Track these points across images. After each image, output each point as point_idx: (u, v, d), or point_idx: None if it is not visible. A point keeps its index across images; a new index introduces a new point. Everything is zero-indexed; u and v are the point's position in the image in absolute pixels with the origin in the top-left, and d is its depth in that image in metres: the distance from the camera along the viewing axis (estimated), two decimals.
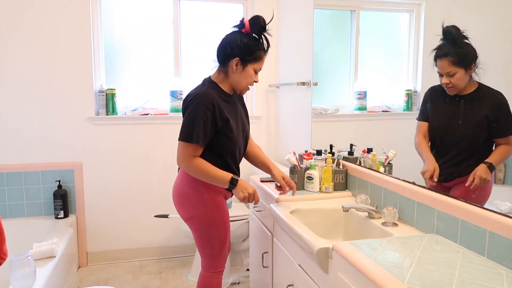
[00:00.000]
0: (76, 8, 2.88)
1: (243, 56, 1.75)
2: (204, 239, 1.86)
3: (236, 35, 1.76)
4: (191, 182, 1.80)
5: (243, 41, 1.74)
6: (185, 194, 1.83)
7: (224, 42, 1.78)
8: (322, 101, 2.55)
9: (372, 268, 1.13)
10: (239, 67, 1.77)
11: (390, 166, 1.84)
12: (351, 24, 2.29)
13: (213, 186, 1.80)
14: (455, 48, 1.32)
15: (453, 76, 1.35)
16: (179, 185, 1.86)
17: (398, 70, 1.89)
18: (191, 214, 1.84)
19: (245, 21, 1.76)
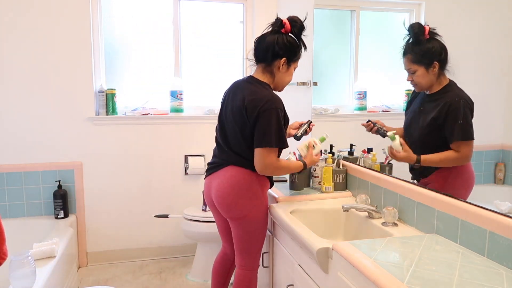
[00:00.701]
0: (76, 8, 2.88)
1: (289, 56, 1.81)
2: (252, 237, 1.87)
3: (279, 35, 1.80)
4: (247, 182, 1.81)
5: (290, 41, 1.81)
6: (240, 194, 1.81)
7: (269, 42, 1.80)
8: (322, 101, 2.55)
9: (372, 268, 1.13)
10: (285, 67, 1.82)
11: (390, 166, 1.84)
12: (351, 24, 2.29)
13: (263, 183, 1.85)
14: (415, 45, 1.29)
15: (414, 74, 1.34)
16: (233, 185, 1.81)
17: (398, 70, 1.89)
18: (245, 213, 1.82)
19: (284, 21, 1.81)
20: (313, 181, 2.13)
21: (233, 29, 3.31)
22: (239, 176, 1.81)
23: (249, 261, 1.92)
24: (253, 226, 1.85)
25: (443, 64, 1.25)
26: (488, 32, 1.36)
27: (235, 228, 1.88)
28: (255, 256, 1.92)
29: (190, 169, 3.17)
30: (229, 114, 1.83)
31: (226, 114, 1.86)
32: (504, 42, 1.29)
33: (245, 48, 3.33)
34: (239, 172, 1.81)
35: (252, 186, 1.82)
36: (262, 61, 1.83)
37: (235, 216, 1.84)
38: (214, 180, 1.89)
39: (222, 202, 1.84)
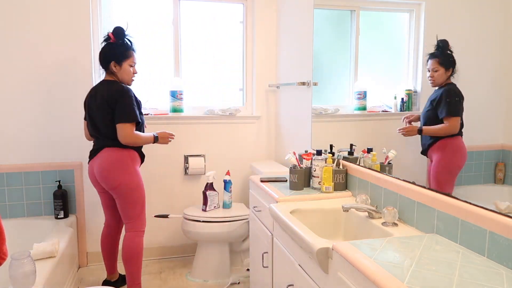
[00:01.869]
0: (76, 8, 2.88)
1: (116, 59, 2.38)
2: (130, 203, 2.39)
3: (106, 45, 2.40)
4: (119, 156, 2.35)
5: (112, 47, 2.38)
6: (114, 166, 2.34)
7: (100, 53, 2.40)
8: (322, 101, 2.55)
9: (372, 268, 1.13)
10: (118, 67, 2.39)
11: (390, 166, 1.84)
12: (351, 24, 2.29)
13: (135, 157, 2.42)
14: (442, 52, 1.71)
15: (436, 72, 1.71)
16: (108, 159, 2.34)
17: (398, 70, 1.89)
18: (118, 182, 2.34)
19: (110, 34, 2.38)
20: (313, 181, 2.13)
21: (233, 29, 3.31)
22: (111, 154, 2.35)
23: (134, 224, 2.43)
24: (130, 192, 2.36)
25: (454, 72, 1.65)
26: (488, 32, 1.36)
27: (117, 198, 2.39)
28: (137, 218, 2.43)
29: (190, 169, 3.17)
30: (96, 110, 2.37)
31: (93, 111, 2.39)
32: (504, 42, 1.29)
33: (245, 48, 3.33)
34: (111, 151, 2.35)
35: (122, 160, 2.36)
36: (103, 67, 2.43)
37: (113, 186, 2.35)
38: (94, 162, 2.41)
39: (102, 176, 2.36)
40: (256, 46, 3.26)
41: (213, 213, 2.82)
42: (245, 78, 3.37)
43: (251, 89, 3.36)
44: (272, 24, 3.28)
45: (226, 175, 2.95)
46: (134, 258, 2.44)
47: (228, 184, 2.92)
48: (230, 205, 2.94)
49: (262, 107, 3.34)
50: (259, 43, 3.26)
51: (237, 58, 3.37)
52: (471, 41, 1.42)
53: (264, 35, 3.27)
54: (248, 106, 3.39)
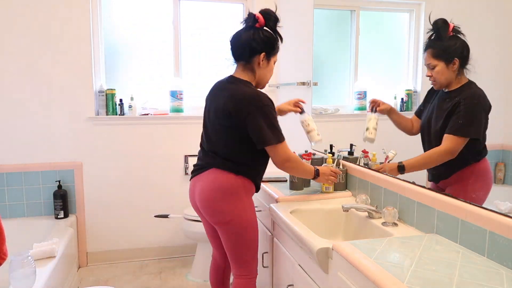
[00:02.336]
0: (76, 8, 2.88)
1: (268, 50, 1.79)
2: (242, 243, 1.79)
3: (255, 30, 1.78)
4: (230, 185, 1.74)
5: (266, 35, 1.78)
6: (224, 198, 1.74)
7: (245, 39, 1.78)
8: (322, 101, 2.55)
9: (372, 268, 1.13)
10: (265, 62, 1.79)
11: None
12: (351, 24, 2.29)
13: (249, 188, 1.80)
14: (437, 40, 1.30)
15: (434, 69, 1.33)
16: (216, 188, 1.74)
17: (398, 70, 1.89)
18: (230, 217, 1.75)
19: (257, 15, 1.79)
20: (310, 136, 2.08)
21: (233, 29, 3.31)
22: (222, 179, 1.74)
23: (244, 269, 1.84)
24: (241, 232, 1.77)
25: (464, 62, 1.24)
26: (487, 32, 1.36)
27: (223, 235, 1.81)
28: (249, 263, 1.84)
29: (190, 169, 3.17)
30: (213, 117, 1.79)
31: (209, 117, 1.82)
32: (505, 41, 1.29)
33: None
34: (222, 175, 1.74)
35: (236, 190, 1.75)
36: (240, 59, 1.81)
37: (220, 221, 1.77)
38: (197, 183, 1.83)
39: (206, 206, 1.78)
40: None
41: None
42: None
43: None
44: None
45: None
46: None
47: None
48: None
49: None
50: None
51: None
52: (471, 41, 1.42)
53: None
54: None
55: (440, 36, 1.28)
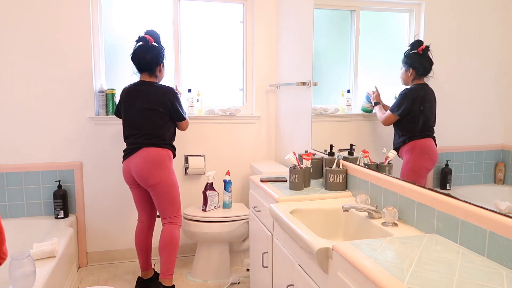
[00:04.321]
0: (76, 8, 2.88)
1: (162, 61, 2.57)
2: (168, 198, 2.49)
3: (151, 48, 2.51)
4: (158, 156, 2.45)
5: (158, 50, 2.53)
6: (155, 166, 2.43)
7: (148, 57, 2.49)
8: (322, 101, 2.55)
9: (372, 268, 1.13)
10: (162, 68, 2.60)
11: (390, 166, 1.84)
12: (351, 24, 2.28)
13: (170, 156, 2.53)
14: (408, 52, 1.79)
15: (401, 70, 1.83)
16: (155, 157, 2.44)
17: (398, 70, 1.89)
18: (159, 179, 2.44)
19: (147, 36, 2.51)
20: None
21: (233, 29, 3.31)
22: (152, 153, 2.44)
23: (171, 218, 2.54)
24: (168, 189, 2.47)
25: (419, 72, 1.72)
26: (488, 32, 1.36)
27: (155, 194, 2.49)
28: (174, 212, 2.54)
29: (190, 169, 3.17)
30: (139, 110, 2.46)
31: (135, 110, 2.48)
32: (504, 42, 1.29)
33: (245, 48, 3.33)
34: (152, 150, 2.44)
35: (163, 159, 2.46)
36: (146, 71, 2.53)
37: (153, 184, 2.44)
38: (132, 161, 2.47)
39: (142, 175, 2.43)
40: (256, 46, 3.26)
41: (213, 213, 2.82)
42: (245, 78, 3.37)
43: (251, 89, 3.36)
44: (272, 24, 3.28)
45: (226, 175, 2.95)
46: (171, 247, 2.52)
47: (228, 184, 2.92)
48: (230, 205, 2.94)
49: (262, 107, 3.34)
50: (259, 43, 3.26)
51: (237, 58, 3.36)
52: (471, 41, 1.42)
53: (264, 35, 3.27)
54: (248, 106, 3.39)
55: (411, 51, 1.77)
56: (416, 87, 1.73)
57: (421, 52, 1.69)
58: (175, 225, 2.56)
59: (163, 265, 2.54)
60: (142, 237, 2.69)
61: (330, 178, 2.08)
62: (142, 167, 2.42)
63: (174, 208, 2.54)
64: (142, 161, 2.43)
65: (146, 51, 2.47)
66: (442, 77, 1.57)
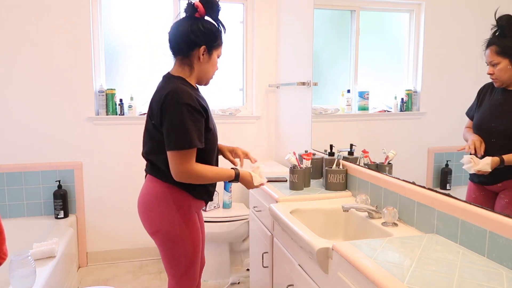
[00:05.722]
0: (76, 8, 2.88)
1: (209, 43, 1.59)
2: (170, 257, 1.65)
3: (193, 21, 1.59)
4: (159, 193, 1.60)
5: (206, 26, 1.58)
6: (152, 206, 1.62)
7: (183, 32, 1.59)
8: (322, 101, 2.55)
9: (372, 268, 1.13)
10: (206, 56, 1.61)
11: (390, 166, 1.84)
12: (351, 24, 2.28)
13: (183, 199, 1.62)
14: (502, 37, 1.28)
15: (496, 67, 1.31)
16: (145, 196, 1.65)
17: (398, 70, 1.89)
18: (156, 228, 1.63)
19: (196, 4, 1.58)
20: None
21: (233, 29, 3.31)
22: (150, 187, 1.64)
23: (177, 282, 1.69)
24: (167, 245, 1.63)
25: None
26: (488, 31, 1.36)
27: (156, 244, 1.69)
28: (181, 277, 1.67)
29: None
30: (147, 121, 1.66)
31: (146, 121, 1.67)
32: None
33: (245, 48, 3.33)
34: (152, 183, 1.64)
35: (163, 199, 1.60)
36: (178, 54, 1.63)
37: (148, 231, 1.67)
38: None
39: (139, 213, 1.69)
40: (256, 46, 3.26)
41: (213, 213, 2.82)
42: (245, 78, 3.37)
43: (251, 89, 3.36)
44: (272, 24, 3.28)
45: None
46: None
47: (228, 184, 2.92)
48: (230, 205, 2.94)
49: (262, 107, 3.34)
50: (259, 43, 3.26)
51: (237, 58, 3.36)
52: (471, 41, 1.42)
53: (264, 35, 3.27)
54: (248, 106, 3.39)
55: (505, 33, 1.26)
56: None
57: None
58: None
59: None
60: None
61: (330, 178, 2.08)
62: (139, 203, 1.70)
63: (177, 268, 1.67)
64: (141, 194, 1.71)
65: (184, 23, 1.62)
66: (442, 77, 1.57)
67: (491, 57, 1.31)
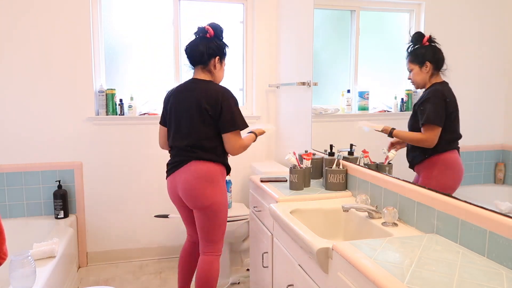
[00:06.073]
0: (76, 8, 2.88)
1: (221, 55, 2.13)
2: (215, 224, 2.10)
3: (208, 39, 2.11)
4: (212, 172, 2.06)
5: (218, 43, 2.13)
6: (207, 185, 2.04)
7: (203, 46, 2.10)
8: (322, 101, 2.55)
9: (372, 268, 1.13)
10: (218, 64, 2.14)
11: (390, 166, 1.84)
12: (351, 24, 2.28)
13: (223, 172, 2.14)
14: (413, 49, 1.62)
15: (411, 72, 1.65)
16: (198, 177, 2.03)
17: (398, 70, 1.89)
18: (210, 201, 2.05)
19: (207, 27, 2.12)
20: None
21: (233, 29, 3.31)
22: (203, 169, 2.04)
23: (213, 247, 2.15)
24: (217, 214, 2.09)
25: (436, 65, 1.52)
26: (488, 31, 1.36)
27: (200, 218, 2.10)
28: (217, 242, 2.15)
29: None
30: (187, 115, 2.06)
31: (182, 116, 2.08)
32: (504, 41, 1.29)
33: (245, 48, 3.33)
34: (203, 165, 2.05)
35: (216, 177, 2.07)
36: (199, 63, 2.12)
37: (201, 206, 2.06)
38: (178, 176, 2.09)
39: (190, 194, 2.05)
40: (256, 46, 3.26)
41: None
42: (245, 78, 3.37)
43: (251, 89, 3.36)
44: (272, 24, 3.28)
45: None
46: (212, 283, 2.16)
47: (228, 184, 2.92)
48: (230, 205, 2.94)
49: (262, 107, 3.34)
50: (259, 43, 3.26)
51: (237, 58, 3.36)
52: (471, 41, 1.42)
53: (264, 35, 3.27)
54: (248, 106, 3.39)
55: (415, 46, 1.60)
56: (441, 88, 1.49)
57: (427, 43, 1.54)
58: (215, 256, 2.16)
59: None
60: (190, 259, 2.33)
61: (330, 178, 2.08)
62: (191, 185, 2.04)
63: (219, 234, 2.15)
64: (191, 177, 2.04)
65: (200, 41, 2.10)
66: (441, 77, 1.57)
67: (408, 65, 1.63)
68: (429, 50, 1.54)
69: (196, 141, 2.05)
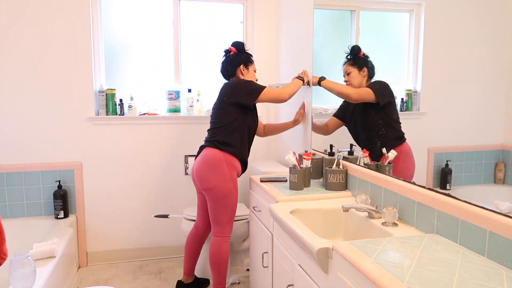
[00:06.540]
0: (76, 8, 2.88)
1: (244, 62, 2.53)
2: (220, 207, 2.35)
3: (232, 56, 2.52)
4: (217, 158, 2.32)
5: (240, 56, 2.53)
6: (210, 168, 2.32)
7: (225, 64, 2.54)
8: (322, 101, 2.55)
9: (372, 268, 1.13)
10: (245, 70, 2.53)
11: (390, 166, 1.84)
12: (351, 24, 2.28)
13: (231, 162, 2.35)
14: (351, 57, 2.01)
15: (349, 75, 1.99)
16: (204, 162, 2.34)
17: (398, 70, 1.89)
18: (213, 184, 2.31)
19: (230, 48, 2.54)
20: None
21: (233, 29, 3.31)
22: (209, 154, 2.35)
23: (221, 228, 2.40)
24: (220, 197, 2.33)
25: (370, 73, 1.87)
26: (488, 31, 1.36)
27: (208, 199, 2.38)
28: (225, 225, 2.39)
29: (190, 169, 3.17)
30: (214, 106, 2.46)
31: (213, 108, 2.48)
32: (504, 41, 1.29)
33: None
34: (210, 151, 2.35)
35: (219, 162, 2.32)
36: (231, 76, 2.54)
37: (206, 187, 2.33)
38: (196, 160, 2.45)
39: (197, 175, 2.37)
40: (256, 46, 3.26)
41: None
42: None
43: None
44: (272, 24, 3.28)
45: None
46: (221, 263, 2.42)
47: None
48: None
49: (262, 107, 3.34)
50: (259, 43, 3.26)
51: None
52: (471, 41, 1.42)
53: (264, 35, 3.27)
54: None
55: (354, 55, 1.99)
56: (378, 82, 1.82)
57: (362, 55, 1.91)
58: (223, 237, 2.41)
59: (214, 279, 2.48)
60: (193, 243, 2.61)
61: (330, 178, 2.08)
62: (197, 168, 2.37)
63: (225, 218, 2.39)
64: (199, 161, 2.38)
65: (226, 63, 2.53)
66: (442, 77, 1.57)
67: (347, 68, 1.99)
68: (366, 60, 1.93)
69: (210, 131, 2.44)
